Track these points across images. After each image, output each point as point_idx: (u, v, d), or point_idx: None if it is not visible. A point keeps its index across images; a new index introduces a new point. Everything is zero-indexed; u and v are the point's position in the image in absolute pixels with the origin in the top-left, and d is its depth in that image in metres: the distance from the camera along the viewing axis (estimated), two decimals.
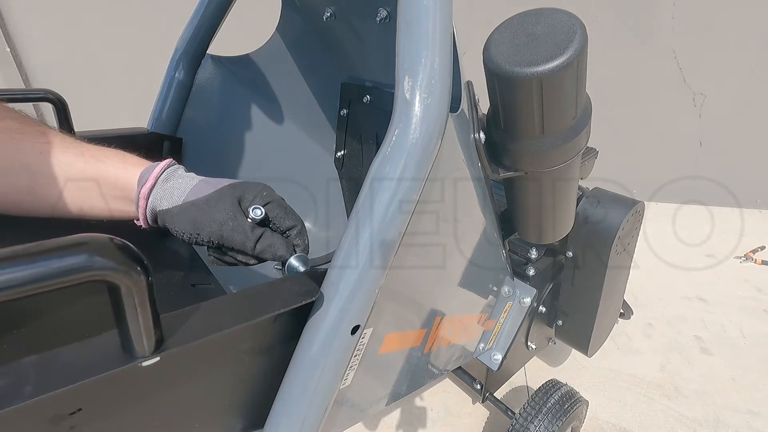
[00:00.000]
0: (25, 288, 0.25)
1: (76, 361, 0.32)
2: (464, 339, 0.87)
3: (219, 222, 0.50)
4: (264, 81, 0.99)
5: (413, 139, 0.47)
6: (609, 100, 2.18)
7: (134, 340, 0.33)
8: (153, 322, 0.33)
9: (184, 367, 0.40)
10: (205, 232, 0.50)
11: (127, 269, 0.30)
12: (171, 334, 0.36)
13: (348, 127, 1.08)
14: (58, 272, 0.26)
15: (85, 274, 0.27)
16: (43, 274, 0.26)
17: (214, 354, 0.43)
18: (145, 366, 0.34)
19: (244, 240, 0.50)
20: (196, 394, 0.44)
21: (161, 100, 0.88)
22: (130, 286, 0.30)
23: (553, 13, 0.55)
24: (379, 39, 0.79)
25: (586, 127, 0.62)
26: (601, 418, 1.21)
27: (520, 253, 0.97)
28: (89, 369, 0.32)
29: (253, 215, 0.51)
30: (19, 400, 0.29)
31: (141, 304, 0.31)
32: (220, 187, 0.53)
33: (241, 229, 0.50)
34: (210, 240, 0.51)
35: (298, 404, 0.50)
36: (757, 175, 2.27)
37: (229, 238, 0.50)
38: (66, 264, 0.27)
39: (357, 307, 0.49)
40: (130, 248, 0.30)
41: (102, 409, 0.36)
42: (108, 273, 0.29)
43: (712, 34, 2.03)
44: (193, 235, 0.51)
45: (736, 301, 1.68)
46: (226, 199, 0.51)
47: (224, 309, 0.42)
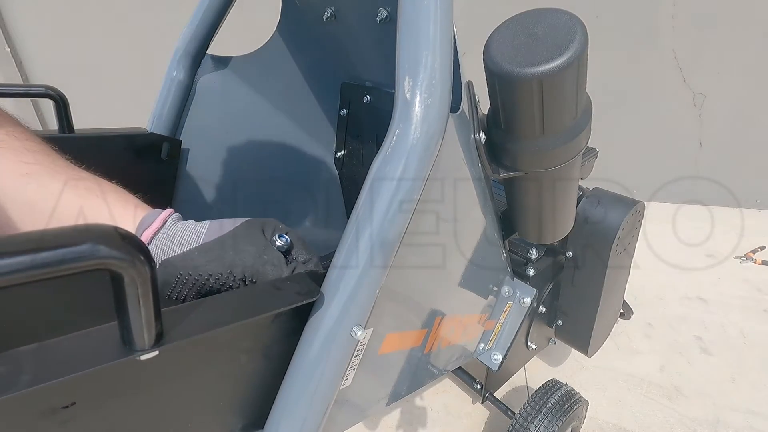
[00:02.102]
0: (28, 274, 0.25)
1: (75, 352, 0.32)
2: (464, 339, 0.87)
3: (253, 255, 0.45)
4: (264, 81, 0.99)
5: (414, 139, 0.47)
6: (609, 100, 2.18)
7: (134, 332, 0.32)
8: (154, 315, 0.33)
9: (183, 363, 0.40)
10: (238, 269, 0.44)
11: (131, 259, 0.29)
12: (171, 328, 0.36)
13: (348, 127, 1.08)
14: (62, 259, 0.26)
15: (89, 263, 0.27)
16: (47, 260, 0.26)
17: (214, 351, 0.43)
18: (143, 360, 0.34)
19: (279, 273, 0.47)
20: (194, 392, 0.44)
21: (161, 100, 0.88)
22: (134, 276, 0.30)
23: (554, 13, 0.55)
24: (379, 39, 0.79)
25: (587, 127, 0.62)
26: (601, 418, 1.21)
27: (520, 253, 0.97)
28: (87, 360, 0.32)
29: (280, 243, 0.49)
30: (14, 389, 0.29)
31: (144, 295, 0.31)
32: (241, 222, 0.48)
33: (276, 261, 0.46)
34: (243, 278, 0.45)
35: (298, 404, 0.50)
36: (757, 175, 2.27)
37: (264, 272, 0.46)
38: (70, 252, 0.26)
39: (357, 307, 0.49)
40: (134, 238, 0.30)
41: (96, 403, 0.36)
42: (112, 262, 0.29)
43: (712, 34, 2.03)
44: (223, 276, 0.44)
45: (736, 301, 1.68)
46: (254, 231, 0.47)
47: (225, 306, 0.42)
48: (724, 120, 2.20)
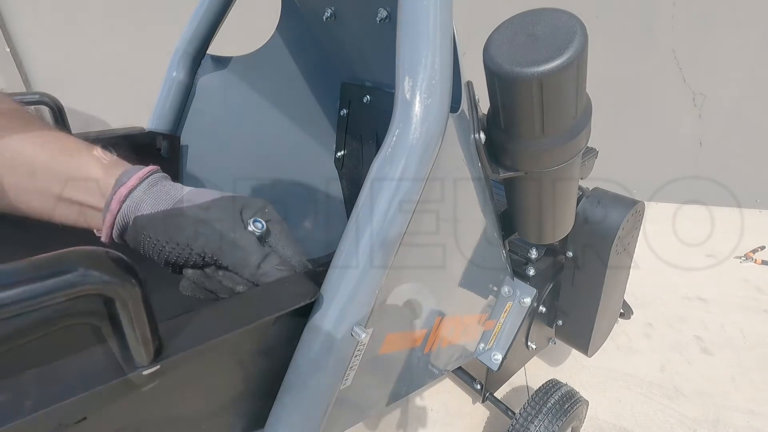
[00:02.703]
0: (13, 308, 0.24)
1: (76, 374, 0.32)
2: (464, 339, 0.87)
3: (219, 232, 0.42)
4: (264, 81, 0.99)
5: (413, 139, 0.47)
6: (609, 100, 2.18)
7: (133, 350, 0.32)
8: (151, 332, 0.32)
9: (185, 373, 0.40)
10: (198, 243, 0.42)
11: (120, 281, 0.29)
12: (170, 341, 0.36)
13: (348, 127, 1.08)
14: (48, 290, 0.25)
15: (77, 290, 0.26)
16: (33, 292, 0.24)
17: (215, 358, 0.43)
18: (146, 374, 0.34)
19: (246, 257, 0.43)
20: (197, 398, 0.44)
21: (161, 100, 0.88)
22: (125, 297, 0.29)
23: (554, 13, 0.55)
24: (379, 39, 0.79)
25: (586, 127, 0.62)
26: (601, 417, 1.21)
27: (520, 253, 0.97)
28: (89, 381, 0.32)
29: (252, 228, 0.45)
30: (19, 416, 0.29)
31: (137, 315, 0.31)
32: (220, 196, 0.46)
33: (245, 242, 0.43)
34: (202, 254, 0.42)
35: (298, 404, 0.50)
36: (757, 175, 2.27)
37: (229, 253, 0.43)
38: (56, 282, 0.25)
39: (357, 307, 0.49)
40: (120, 259, 0.29)
41: (106, 416, 0.36)
42: (101, 287, 0.28)
43: (712, 34, 2.03)
44: (180, 246, 0.41)
45: (736, 300, 1.68)
46: (227, 208, 0.44)
47: (224, 313, 0.41)
48: (724, 120, 2.20)
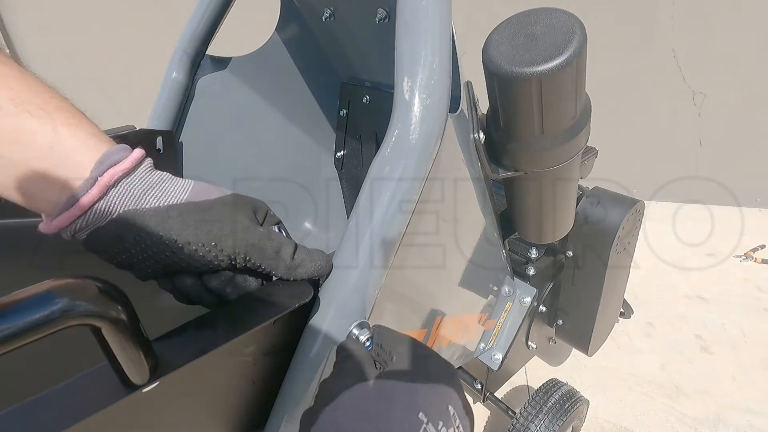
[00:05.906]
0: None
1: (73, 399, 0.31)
2: (464, 339, 0.87)
3: (246, 228, 0.37)
4: (264, 81, 0.99)
5: (413, 139, 0.47)
6: (609, 99, 2.18)
7: (127, 372, 0.32)
8: (143, 352, 0.32)
9: (183, 383, 0.40)
10: (228, 241, 0.36)
11: (103, 309, 0.28)
12: (167, 356, 0.35)
13: (348, 127, 1.08)
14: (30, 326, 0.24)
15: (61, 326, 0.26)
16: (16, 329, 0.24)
17: (213, 365, 0.43)
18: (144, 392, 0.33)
19: (278, 248, 0.39)
20: (197, 404, 0.44)
21: (161, 100, 0.87)
22: (110, 325, 0.29)
23: (553, 13, 0.55)
24: (379, 39, 0.79)
25: (586, 126, 0.62)
26: (601, 417, 1.22)
27: (520, 252, 0.97)
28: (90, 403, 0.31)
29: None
30: None
31: (126, 338, 0.30)
32: (228, 193, 0.40)
33: (275, 235, 0.39)
34: (235, 254, 0.37)
35: (299, 405, 0.50)
36: (757, 175, 2.27)
37: (261, 248, 0.37)
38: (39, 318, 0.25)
39: (357, 307, 0.49)
40: (107, 288, 0.28)
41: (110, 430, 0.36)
42: (86, 319, 0.27)
43: (712, 34, 2.03)
44: (203, 247, 0.35)
45: (737, 299, 1.68)
46: (245, 204, 0.40)
47: (221, 322, 0.40)
48: (724, 119, 2.20)
